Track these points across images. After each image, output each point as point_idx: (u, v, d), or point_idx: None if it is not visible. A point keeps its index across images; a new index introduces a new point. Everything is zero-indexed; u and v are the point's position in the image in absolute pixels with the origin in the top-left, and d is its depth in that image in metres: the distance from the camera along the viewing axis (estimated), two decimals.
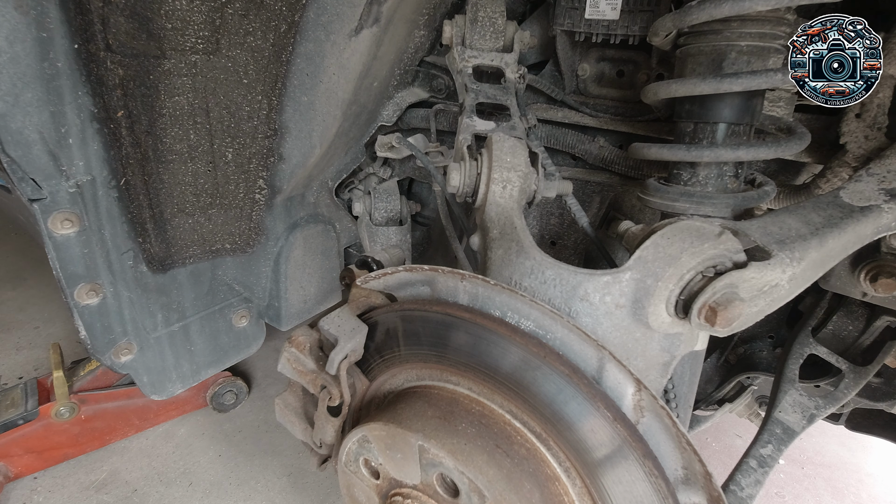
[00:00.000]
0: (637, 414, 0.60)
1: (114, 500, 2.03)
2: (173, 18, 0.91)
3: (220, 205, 1.22)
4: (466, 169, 0.90)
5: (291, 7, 1.02)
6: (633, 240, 0.80)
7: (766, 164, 1.18)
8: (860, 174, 0.87)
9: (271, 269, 1.44)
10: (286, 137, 1.23)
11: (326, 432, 0.80)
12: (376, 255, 0.97)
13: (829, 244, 0.74)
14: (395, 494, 0.70)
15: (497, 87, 1.13)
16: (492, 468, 0.62)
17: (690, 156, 0.90)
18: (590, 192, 1.33)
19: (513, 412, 0.68)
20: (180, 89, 1.00)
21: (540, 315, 0.65)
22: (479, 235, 0.85)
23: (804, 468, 2.54)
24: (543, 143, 1.30)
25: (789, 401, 1.22)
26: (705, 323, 0.64)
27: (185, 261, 1.23)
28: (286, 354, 0.80)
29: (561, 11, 1.15)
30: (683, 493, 0.59)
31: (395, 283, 0.78)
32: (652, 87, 0.95)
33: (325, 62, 1.13)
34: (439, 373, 0.75)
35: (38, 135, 0.88)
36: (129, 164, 1.01)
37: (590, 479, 0.62)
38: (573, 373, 0.61)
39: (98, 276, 1.07)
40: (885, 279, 1.02)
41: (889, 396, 1.30)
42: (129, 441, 2.30)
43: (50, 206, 0.94)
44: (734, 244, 0.68)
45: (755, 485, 1.14)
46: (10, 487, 2.03)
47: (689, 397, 0.97)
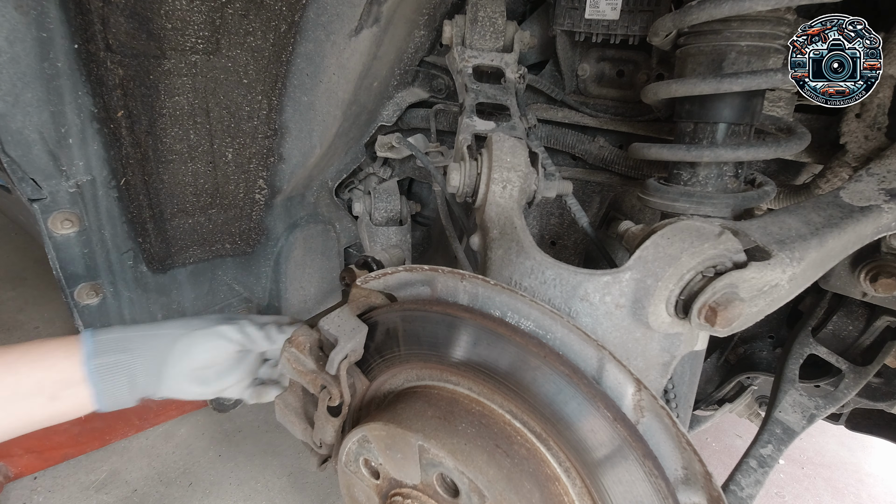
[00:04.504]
0: (637, 414, 0.60)
1: (114, 500, 2.03)
2: (173, 18, 0.91)
3: (220, 205, 1.22)
4: (466, 169, 0.90)
5: (291, 7, 1.02)
6: (633, 240, 0.80)
7: (766, 164, 1.18)
8: (860, 174, 0.87)
9: (271, 269, 1.44)
10: (286, 137, 1.23)
11: (326, 432, 0.80)
12: (376, 255, 0.97)
13: (829, 244, 0.74)
14: (395, 494, 0.70)
15: (497, 87, 1.13)
16: (492, 468, 0.62)
17: (690, 156, 0.90)
18: (590, 192, 1.33)
19: (513, 412, 0.68)
20: (180, 89, 1.00)
21: (540, 315, 0.65)
22: (479, 235, 0.85)
23: (804, 468, 2.54)
24: (543, 143, 1.30)
25: (789, 401, 1.22)
26: (705, 323, 0.64)
27: (186, 261, 1.23)
28: (286, 354, 0.80)
29: (561, 11, 1.15)
30: (683, 493, 0.59)
31: (395, 283, 0.78)
32: (652, 87, 0.95)
33: (325, 62, 1.13)
34: (439, 373, 0.75)
35: (38, 135, 0.88)
36: (129, 164, 1.01)
37: (590, 479, 0.62)
38: (573, 373, 0.61)
39: (98, 276, 1.07)
40: (885, 279, 1.02)
41: (889, 396, 1.30)
42: (129, 441, 2.30)
43: (50, 206, 0.94)
44: (734, 244, 0.68)
45: (755, 485, 1.14)
46: (10, 487, 2.03)
47: (689, 397, 0.97)
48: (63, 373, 0.73)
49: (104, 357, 0.76)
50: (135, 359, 0.78)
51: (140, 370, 0.78)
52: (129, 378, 0.77)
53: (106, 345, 0.77)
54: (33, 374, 0.72)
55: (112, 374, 0.76)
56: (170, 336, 0.82)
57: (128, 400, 0.79)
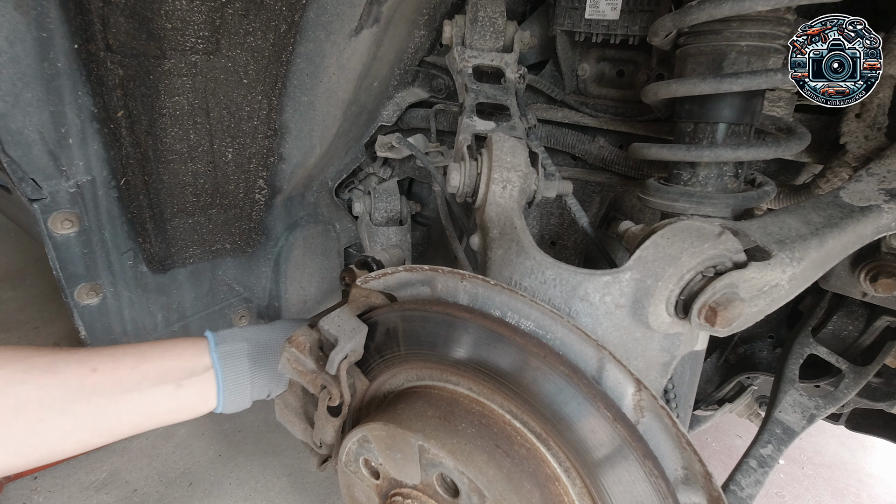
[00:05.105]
0: (637, 414, 0.60)
1: (114, 500, 2.03)
2: (173, 18, 0.91)
3: (220, 205, 1.22)
4: (466, 169, 0.90)
5: (291, 7, 1.02)
6: (633, 240, 0.80)
7: (766, 164, 1.18)
8: (860, 174, 0.87)
9: (271, 269, 1.44)
10: (286, 137, 1.23)
11: (326, 432, 0.80)
12: (376, 255, 0.97)
13: (829, 244, 0.74)
14: (395, 494, 0.70)
15: (497, 87, 1.13)
16: (492, 468, 0.62)
17: (690, 156, 0.90)
18: (590, 192, 1.33)
19: (513, 412, 0.68)
20: (180, 89, 1.00)
21: (540, 315, 0.65)
22: (479, 235, 0.85)
23: (804, 468, 2.54)
24: (543, 143, 1.30)
25: (789, 401, 1.22)
26: (705, 323, 0.64)
27: (186, 261, 1.23)
28: (286, 354, 0.80)
29: (561, 11, 1.15)
30: (683, 493, 0.59)
31: (395, 283, 0.78)
32: (652, 87, 0.95)
33: (325, 62, 1.13)
34: (439, 373, 0.75)
35: (38, 135, 0.88)
36: (129, 164, 1.01)
37: (590, 479, 0.62)
38: (573, 373, 0.61)
39: (98, 276, 1.07)
40: (885, 279, 1.02)
41: (889, 396, 1.30)
42: (129, 441, 2.30)
43: (50, 206, 0.94)
44: (734, 244, 0.68)
45: (755, 485, 1.14)
46: (10, 487, 2.03)
47: (689, 397, 0.97)
48: (191, 360, 0.75)
49: (228, 345, 0.77)
50: (256, 348, 0.79)
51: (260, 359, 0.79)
52: (250, 366, 0.78)
53: (229, 335, 0.79)
54: (164, 363, 0.73)
55: (235, 362, 0.76)
56: (283, 330, 0.83)
57: (246, 394, 0.79)
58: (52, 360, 0.66)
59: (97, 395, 0.67)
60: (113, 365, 0.70)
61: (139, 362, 0.72)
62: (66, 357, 0.67)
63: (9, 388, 0.62)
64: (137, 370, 0.71)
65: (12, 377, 0.62)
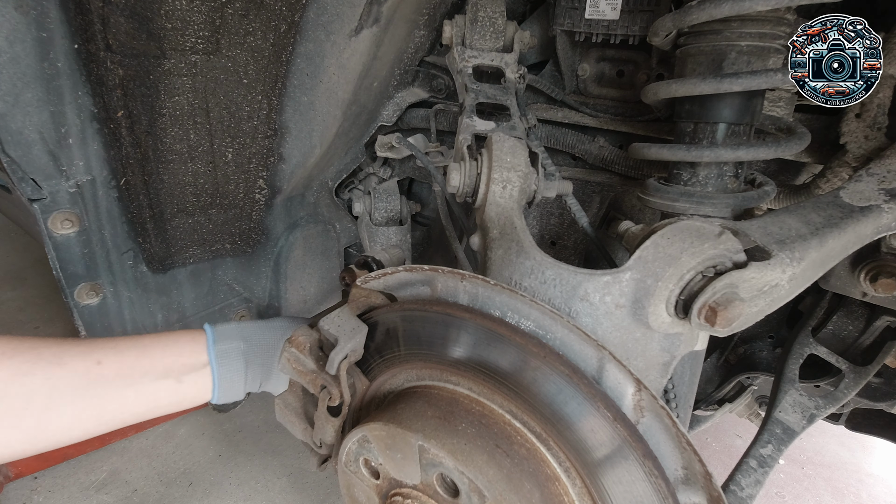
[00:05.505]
0: (637, 414, 0.61)
1: (114, 500, 2.03)
2: (173, 18, 0.91)
3: (220, 205, 1.22)
4: (466, 169, 0.90)
5: (291, 7, 1.02)
6: (633, 240, 0.80)
7: (766, 164, 1.18)
8: (860, 174, 0.87)
9: (271, 269, 1.44)
10: (286, 137, 1.23)
11: (326, 432, 0.80)
12: (376, 255, 0.97)
13: (829, 244, 0.74)
14: (395, 494, 0.70)
15: (497, 87, 1.13)
16: (492, 468, 0.62)
17: (690, 156, 0.90)
18: (590, 192, 1.33)
19: (513, 412, 0.68)
20: (180, 89, 1.00)
21: (540, 315, 0.65)
22: (479, 235, 0.85)
23: (804, 468, 2.54)
24: (543, 143, 1.30)
25: (789, 401, 1.22)
26: (705, 323, 0.64)
27: (186, 261, 1.23)
28: (286, 354, 0.80)
29: (561, 11, 1.15)
30: (683, 493, 0.59)
31: (395, 283, 0.78)
32: (652, 87, 0.95)
33: (325, 62, 1.13)
34: (439, 373, 0.75)
35: (38, 135, 0.88)
36: (129, 164, 1.01)
37: (590, 479, 0.62)
38: (573, 373, 0.61)
39: (98, 276, 1.07)
40: (885, 279, 1.02)
41: (889, 396, 1.30)
42: (129, 441, 2.30)
43: (50, 206, 0.94)
44: (734, 244, 0.68)
45: (755, 485, 1.14)
46: (10, 487, 2.03)
47: (689, 397, 0.97)
48: (190, 357, 0.77)
49: (225, 343, 0.79)
50: (251, 347, 0.80)
51: (254, 359, 0.81)
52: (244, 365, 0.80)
53: (226, 333, 0.80)
54: (165, 359, 0.75)
55: (230, 361, 0.78)
56: (281, 329, 0.84)
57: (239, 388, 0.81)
58: (58, 351, 0.68)
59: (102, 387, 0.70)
60: (117, 358, 0.72)
61: (141, 357, 0.74)
62: (71, 349, 0.69)
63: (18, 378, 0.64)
64: (140, 365, 0.73)
65: (20, 368, 0.64)
